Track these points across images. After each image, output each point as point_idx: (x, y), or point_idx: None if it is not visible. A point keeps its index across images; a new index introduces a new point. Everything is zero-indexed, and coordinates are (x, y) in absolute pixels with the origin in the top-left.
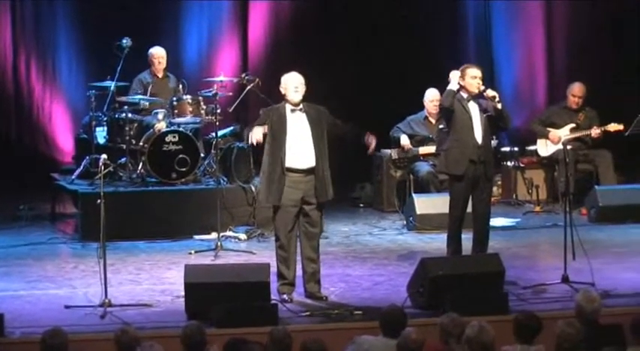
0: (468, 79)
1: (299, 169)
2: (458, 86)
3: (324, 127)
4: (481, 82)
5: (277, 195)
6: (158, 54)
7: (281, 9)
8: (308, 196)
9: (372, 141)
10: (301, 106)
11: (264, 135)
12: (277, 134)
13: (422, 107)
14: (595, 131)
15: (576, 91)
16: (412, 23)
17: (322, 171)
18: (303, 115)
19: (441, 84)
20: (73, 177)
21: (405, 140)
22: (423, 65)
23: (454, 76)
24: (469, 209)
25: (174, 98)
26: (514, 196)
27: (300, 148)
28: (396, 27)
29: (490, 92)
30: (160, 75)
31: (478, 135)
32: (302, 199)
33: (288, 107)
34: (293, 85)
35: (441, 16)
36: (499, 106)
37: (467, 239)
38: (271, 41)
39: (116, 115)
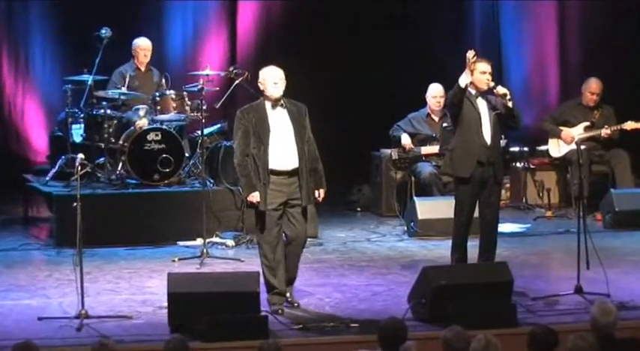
0: (476, 74)
1: (282, 171)
2: (469, 80)
3: (306, 125)
4: (491, 78)
5: (262, 199)
6: (144, 46)
7: None
8: (292, 199)
9: (320, 194)
10: (282, 101)
11: (246, 134)
12: (260, 134)
13: (424, 104)
14: (605, 131)
15: (594, 87)
16: (414, 20)
17: (306, 172)
18: (284, 112)
19: (443, 80)
20: (48, 178)
21: (405, 139)
22: (425, 62)
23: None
24: (476, 214)
25: (157, 93)
26: (524, 200)
27: (283, 148)
28: (395, 24)
29: (501, 89)
30: (143, 68)
31: (487, 134)
32: (286, 202)
33: (268, 104)
34: (272, 79)
35: (443, 11)
36: (510, 104)
37: (473, 246)
38: (262, 32)
39: (94, 112)
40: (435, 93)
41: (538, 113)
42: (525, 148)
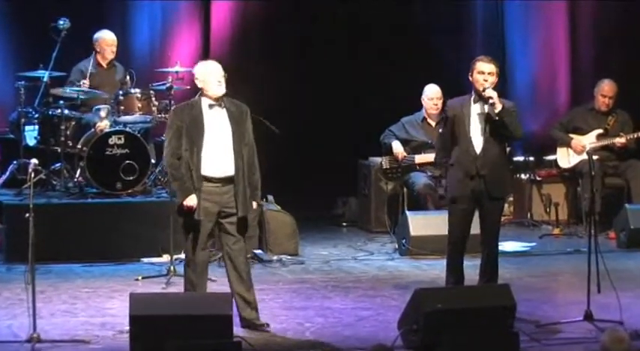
0: (474, 74)
1: (215, 178)
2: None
3: (246, 127)
4: (492, 80)
5: (197, 207)
6: (110, 41)
7: None
8: (227, 208)
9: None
10: (221, 100)
11: (178, 134)
12: (193, 136)
13: (419, 107)
14: (619, 140)
15: (606, 90)
16: (411, 21)
17: (243, 178)
18: (223, 112)
19: (441, 82)
20: None
21: (398, 146)
22: (421, 62)
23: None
24: (475, 230)
25: (121, 92)
26: (529, 216)
27: (218, 153)
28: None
29: (488, 92)
30: (105, 64)
31: (477, 143)
32: (219, 212)
33: (205, 102)
34: (216, 77)
35: (441, 10)
36: (496, 109)
37: (472, 267)
38: (238, 26)
39: (50, 112)
40: (431, 94)
41: (546, 119)
42: (531, 158)
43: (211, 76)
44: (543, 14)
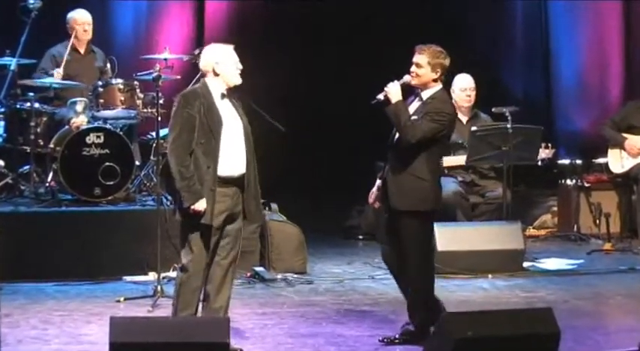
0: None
1: (229, 178)
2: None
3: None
4: (413, 70)
5: (209, 211)
6: (82, 19)
7: None
8: (234, 212)
9: None
10: (229, 90)
11: (191, 124)
12: (212, 126)
13: None
14: None
15: None
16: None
17: (255, 182)
18: (230, 104)
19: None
20: None
21: None
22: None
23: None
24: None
25: (100, 83)
26: (575, 229)
27: (232, 150)
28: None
29: (400, 81)
30: (82, 50)
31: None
32: (226, 218)
33: (217, 90)
34: (236, 62)
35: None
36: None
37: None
38: (237, 7)
39: (17, 105)
40: (464, 85)
41: (595, 116)
42: (578, 161)
43: (231, 61)
44: (593, 3)
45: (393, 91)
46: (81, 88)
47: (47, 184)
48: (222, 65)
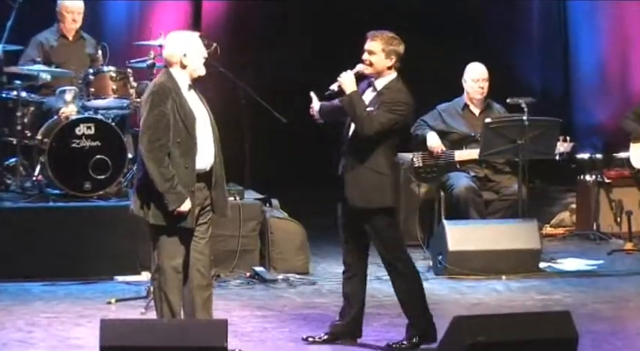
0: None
1: (201, 172)
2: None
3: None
4: (365, 57)
5: (191, 214)
6: (73, 8)
7: None
8: (203, 207)
9: None
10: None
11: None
12: (186, 124)
13: (460, 92)
14: None
15: None
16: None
17: (222, 173)
18: (195, 95)
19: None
20: None
21: (433, 140)
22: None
23: None
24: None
25: (91, 70)
26: (595, 227)
27: (202, 144)
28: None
29: (354, 70)
30: (71, 36)
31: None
32: (198, 212)
33: (184, 82)
34: (202, 51)
35: None
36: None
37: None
38: None
39: (3, 94)
40: (477, 75)
41: (617, 108)
42: (598, 156)
43: (197, 51)
44: None
45: (347, 81)
46: (70, 76)
47: (34, 178)
48: (190, 57)
